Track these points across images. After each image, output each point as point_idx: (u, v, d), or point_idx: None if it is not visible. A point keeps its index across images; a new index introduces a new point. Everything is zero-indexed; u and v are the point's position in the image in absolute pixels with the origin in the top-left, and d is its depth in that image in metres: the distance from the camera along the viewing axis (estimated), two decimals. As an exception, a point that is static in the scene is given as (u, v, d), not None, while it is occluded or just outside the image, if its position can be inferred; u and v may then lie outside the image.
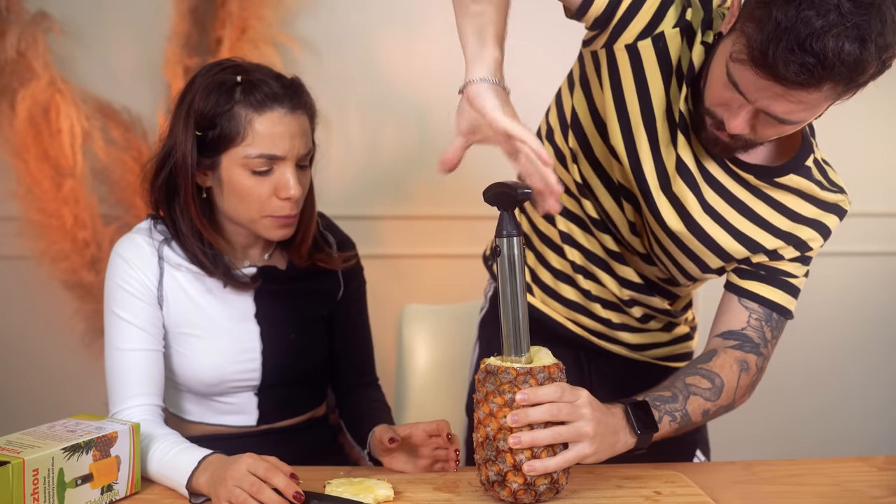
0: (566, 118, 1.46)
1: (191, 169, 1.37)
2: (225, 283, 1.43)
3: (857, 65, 1.09)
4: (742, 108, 1.20)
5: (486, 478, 1.17)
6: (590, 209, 1.48)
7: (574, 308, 1.55)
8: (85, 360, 2.36)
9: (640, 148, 1.35)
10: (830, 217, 1.40)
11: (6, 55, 2.23)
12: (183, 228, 1.40)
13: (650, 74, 1.31)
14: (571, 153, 1.46)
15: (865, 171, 2.56)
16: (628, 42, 1.30)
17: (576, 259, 1.52)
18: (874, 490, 1.29)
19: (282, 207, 1.38)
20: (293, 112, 1.37)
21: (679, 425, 1.29)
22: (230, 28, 2.28)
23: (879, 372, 2.71)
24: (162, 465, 1.24)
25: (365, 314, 1.63)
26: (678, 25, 1.29)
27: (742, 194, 1.37)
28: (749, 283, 1.40)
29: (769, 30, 1.10)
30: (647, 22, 1.28)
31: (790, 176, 1.36)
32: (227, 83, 1.36)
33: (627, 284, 1.51)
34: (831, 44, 1.07)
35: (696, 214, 1.37)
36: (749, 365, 1.37)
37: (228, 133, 1.35)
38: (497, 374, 1.15)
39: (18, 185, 2.29)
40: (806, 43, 1.08)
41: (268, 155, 1.35)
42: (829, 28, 1.07)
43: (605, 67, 1.33)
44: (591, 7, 1.27)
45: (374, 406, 1.56)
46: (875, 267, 2.67)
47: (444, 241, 2.50)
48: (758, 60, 1.12)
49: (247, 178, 1.36)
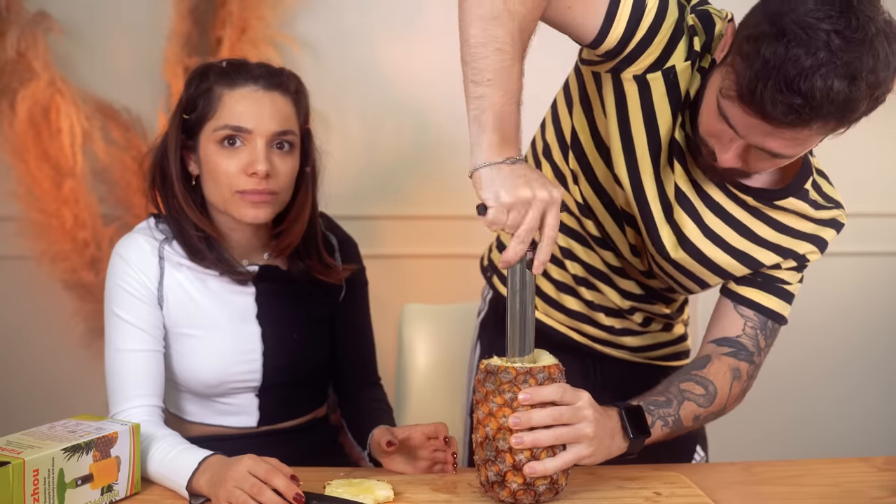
0: (566, 138, 1.43)
1: (176, 151, 1.41)
2: (221, 272, 1.42)
3: (847, 104, 1.08)
4: (733, 141, 1.19)
5: (485, 478, 1.17)
6: (591, 228, 1.47)
7: (577, 318, 1.55)
8: (85, 360, 2.35)
9: (645, 178, 1.33)
10: (828, 231, 1.40)
11: (6, 55, 2.23)
12: (178, 217, 1.41)
13: (659, 106, 1.28)
14: (573, 174, 1.44)
15: (865, 171, 2.56)
16: (637, 73, 1.26)
17: (577, 272, 1.51)
18: (874, 491, 1.29)
19: (249, 182, 1.37)
20: (267, 90, 1.39)
21: (671, 430, 1.29)
22: (230, 28, 2.28)
23: (879, 372, 2.71)
24: (162, 466, 1.24)
25: (367, 315, 1.62)
26: (689, 59, 1.25)
27: (741, 215, 1.36)
28: (745, 290, 1.40)
29: (757, 67, 1.08)
30: (657, 57, 1.24)
31: (789, 199, 1.35)
32: (212, 68, 1.41)
33: (629, 295, 1.51)
34: (819, 83, 1.05)
35: (696, 240, 1.37)
36: (741, 373, 1.37)
37: (204, 110, 1.39)
38: (497, 373, 1.15)
39: (18, 185, 2.29)
40: (794, 83, 1.06)
41: (233, 126, 1.37)
42: (817, 67, 1.05)
43: (611, 94, 1.30)
44: (605, 41, 1.22)
45: (375, 407, 1.56)
46: (875, 268, 2.67)
47: (444, 241, 2.49)
48: (745, 98, 1.11)
49: (217, 154, 1.38)
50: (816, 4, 1.08)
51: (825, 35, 1.06)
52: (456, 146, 2.39)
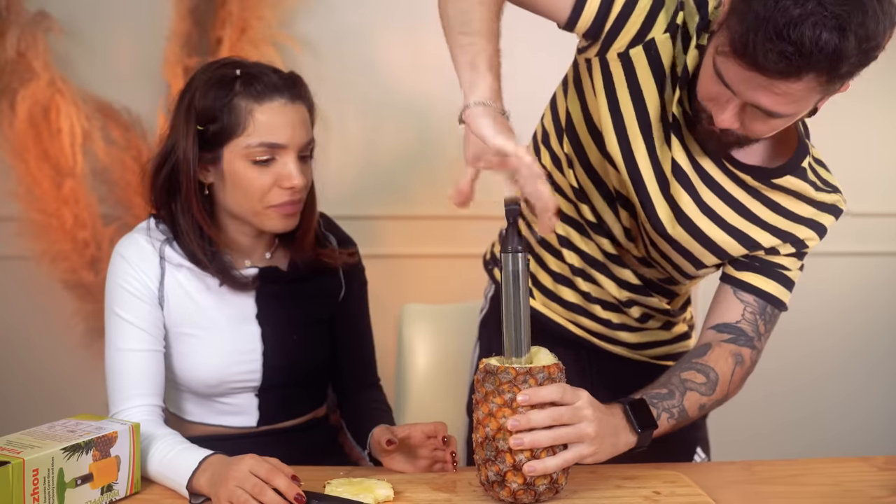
0: (561, 122, 1.46)
1: (192, 165, 1.37)
2: (221, 282, 1.43)
3: (836, 54, 1.09)
4: (729, 101, 1.21)
5: (485, 478, 1.17)
6: (587, 213, 1.48)
7: (574, 310, 1.55)
8: (85, 360, 2.36)
9: (638, 155, 1.35)
10: (826, 216, 1.41)
11: (6, 55, 2.23)
12: (183, 226, 1.40)
13: (643, 81, 1.32)
14: (567, 158, 1.46)
15: (864, 171, 2.56)
16: (620, 50, 1.30)
17: (574, 262, 1.52)
18: (874, 490, 1.29)
19: (283, 196, 1.38)
20: (293, 102, 1.38)
21: (677, 421, 1.30)
22: (230, 28, 2.28)
23: (880, 372, 2.71)
24: (162, 465, 1.24)
25: (366, 315, 1.63)
26: (669, 30, 1.29)
27: (739, 194, 1.38)
28: (745, 274, 1.40)
29: (749, 21, 1.11)
30: (638, 30, 1.29)
31: (787, 177, 1.36)
32: (226, 77, 1.37)
33: (626, 286, 1.51)
34: (808, 32, 1.08)
35: (693, 215, 1.38)
36: (744, 358, 1.38)
37: (229, 125, 1.35)
38: (496, 374, 1.15)
39: (18, 185, 2.29)
40: (783, 31, 1.08)
41: (268, 143, 1.35)
42: (806, 16, 1.08)
43: (600, 76, 1.34)
44: (579, 19, 1.28)
45: (374, 407, 1.56)
46: (875, 267, 2.67)
47: (444, 241, 2.50)
48: (739, 51, 1.13)
49: (249, 170, 1.36)
50: None
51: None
52: (456, 146, 2.39)
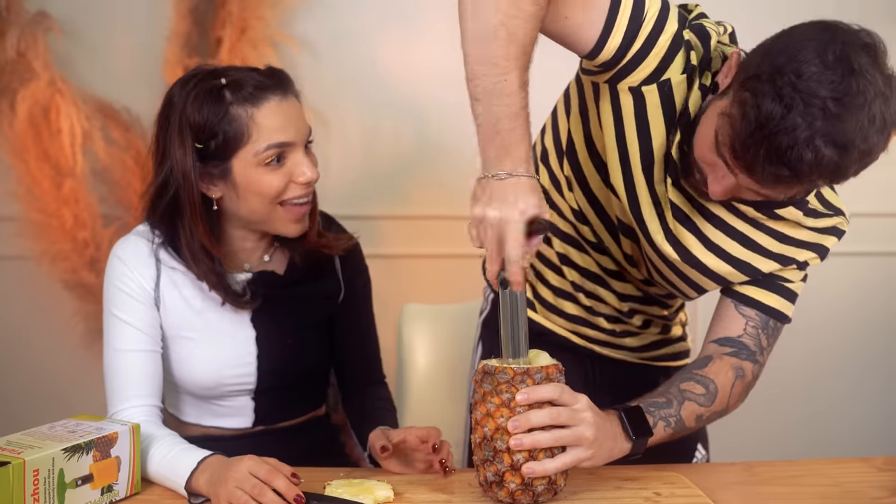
0: (562, 144, 1.43)
1: (195, 185, 1.35)
2: (224, 301, 1.41)
3: (836, 171, 1.10)
4: (726, 178, 1.18)
5: (483, 478, 1.17)
6: (587, 234, 1.46)
7: (577, 322, 1.55)
8: (85, 360, 2.35)
9: (639, 191, 1.32)
10: (829, 238, 1.39)
11: (6, 55, 2.23)
12: (188, 252, 1.38)
13: (653, 118, 1.27)
14: (567, 181, 1.44)
15: (864, 171, 2.56)
16: (633, 85, 1.26)
17: (575, 279, 1.51)
18: (874, 491, 1.29)
19: (297, 189, 1.37)
20: (286, 97, 1.37)
21: (673, 430, 1.29)
22: (230, 28, 2.28)
23: (878, 372, 2.71)
24: (161, 466, 1.24)
25: (370, 313, 1.62)
26: (685, 72, 1.25)
27: (742, 226, 1.35)
28: (746, 289, 1.39)
29: (752, 128, 1.08)
30: (654, 69, 1.24)
31: (789, 208, 1.33)
32: (213, 89, 1.34)
33: (627, 298, 1.51)
34: (809, 156, 1.06)
35: (699, 253, 1.36)
36: (745, 372, 1.36)
37: (233, 136, 1.33)
38: (494, 374, 1.15)
39: (18, 185, 2.29)
40: (785, 156, 1.07)
41: (276, 144, 1.34)
42: (811, 138, 1.06)
43: (608, 104, 1.29)
44: (601, 52, 1.22)
45: (378, 406, 1.56)
46: (872, 267, 2.67)
47: (444, 241, 2.49)
48: (738, 155, 1.12)
49: (263, 174, 1.35)
50: (820, 68, 1.07)
51: (821, 102, 1.06)
52: (456, 146, 2.39)
